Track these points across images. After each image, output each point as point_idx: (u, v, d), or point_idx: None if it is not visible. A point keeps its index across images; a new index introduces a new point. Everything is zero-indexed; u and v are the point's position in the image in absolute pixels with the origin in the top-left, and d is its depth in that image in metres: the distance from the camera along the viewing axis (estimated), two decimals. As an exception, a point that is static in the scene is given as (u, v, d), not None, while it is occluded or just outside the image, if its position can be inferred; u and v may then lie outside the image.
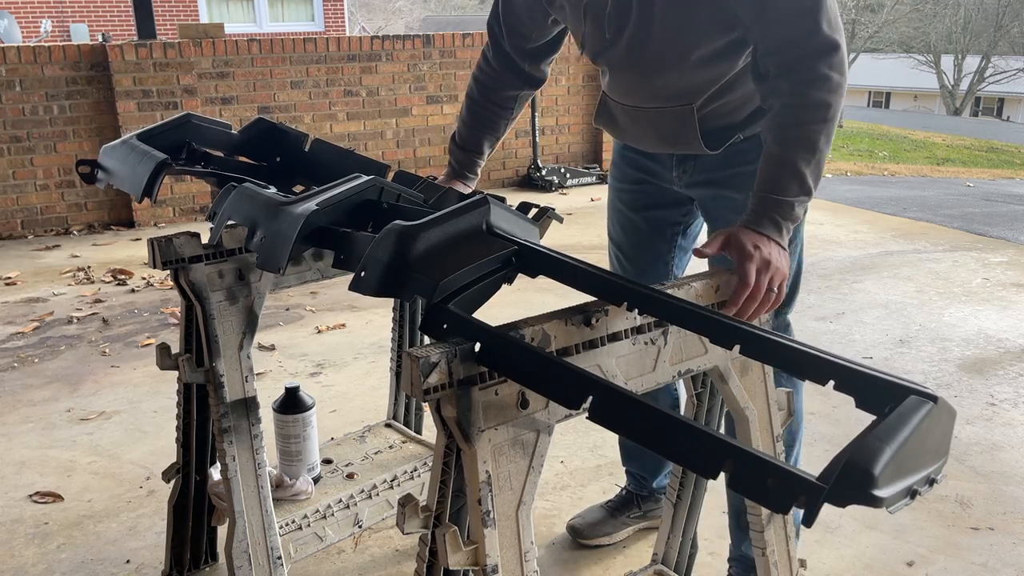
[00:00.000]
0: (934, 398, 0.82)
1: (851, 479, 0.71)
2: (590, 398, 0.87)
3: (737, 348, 0.99)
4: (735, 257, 1.30)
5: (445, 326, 1.00)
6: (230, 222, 1.38)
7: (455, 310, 1.01)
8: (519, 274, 1.14)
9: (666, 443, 0.83)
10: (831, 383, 0.91)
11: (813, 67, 1.33)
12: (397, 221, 1.07)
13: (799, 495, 0.71)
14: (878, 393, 0.86)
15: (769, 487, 0.73)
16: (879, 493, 0.70)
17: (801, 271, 1.71)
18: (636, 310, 1.08)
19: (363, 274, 1.03)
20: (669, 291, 1.15)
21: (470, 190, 1.84)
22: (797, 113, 1.34)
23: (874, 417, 0.82)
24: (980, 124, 22.77)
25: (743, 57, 1.47)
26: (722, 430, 1.51)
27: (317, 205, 1.24)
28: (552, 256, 1.11)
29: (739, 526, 1.78)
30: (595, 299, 1.11)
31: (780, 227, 1.35)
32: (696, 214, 1.80)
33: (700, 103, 1.53)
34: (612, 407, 0.86)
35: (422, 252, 1.03)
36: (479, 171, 1.85)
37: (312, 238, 1.23)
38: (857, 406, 0.88)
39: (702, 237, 1.77)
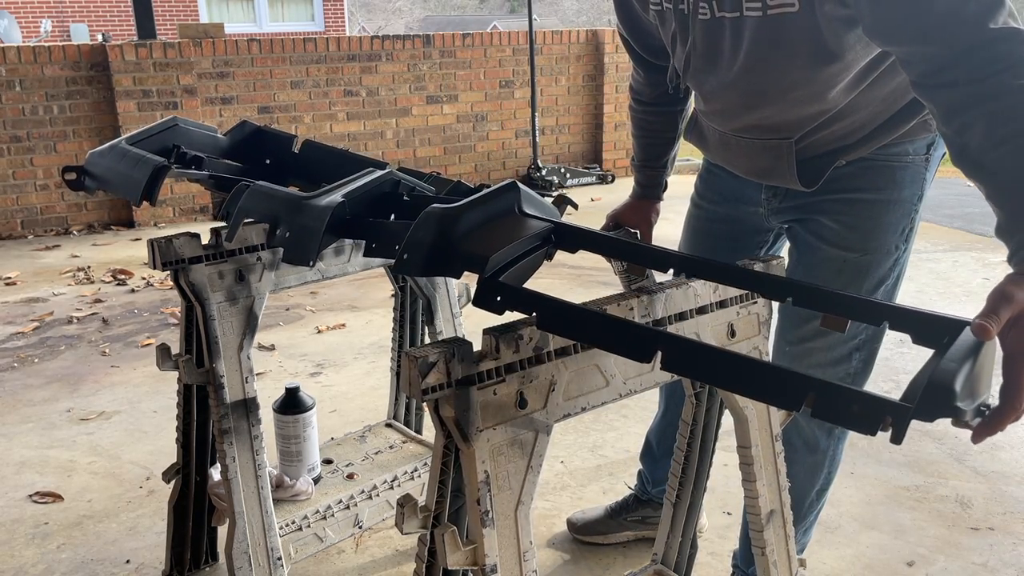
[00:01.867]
0: None
1: (935, 395, 0.77)
2: (659, 353, 0.89)
3: (789, 300, 1.04)
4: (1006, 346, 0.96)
5: (499, 298, 1.01)
6: (248, 220, 1.39)
7: (509, 282, 1.03)
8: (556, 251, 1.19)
9: (746, 382, 0.86)
10: (885, 323, 0.97)
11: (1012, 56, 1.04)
12: (434, 205, 1.11)
13: (885, 416, 0.76)
14: (935, 328, 0.94)
15: (855, 412, 0.77)
16: (961, 406, 0.77)
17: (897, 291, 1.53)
18: (685, 274, 1.16)
19: (406, 256, 1.06)
20: (667, 290, 1.16)
21: (658, 206, 1.81)
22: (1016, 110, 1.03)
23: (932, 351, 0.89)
24: (980, 124, 22.67)
25: (851, 91, 1.33)
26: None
27: (342, 197, 1.27)
28: (588, 232, 1.17)
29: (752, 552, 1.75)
30: (596, 299, 1.12)
31: None
32: (774, 245, 1.67)
33: (800, 136, 1.39)
34: (684, 357, 0.89)
35: (464, 232, 1.07)
36: (665, 184, 1.79)
37: (338, 230, 1.26)
38: (914, 342, 0.96)
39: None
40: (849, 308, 1.01)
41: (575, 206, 1.45)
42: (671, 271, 1.14)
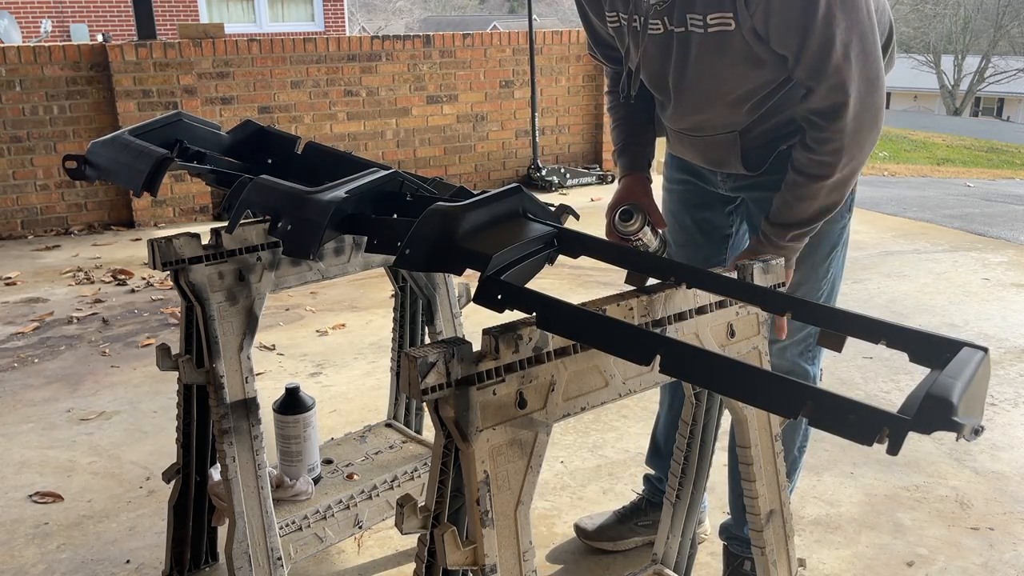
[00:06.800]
0: (985, 349, 0.90)
1: (934, 408, 0.77)
2: (657, 357, 0.90)
3: (789, 315, 1.05)
4: None
5: (500, 297, 1.02)
6: (248, 220, 1.40)
7: (510, 281, 1.04)
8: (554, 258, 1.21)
9: (744, 389, 0.87)
10: (883, 342, 0.98)
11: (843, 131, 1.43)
12: (439, 203, 1.11)
13: (882, 427, 0.76)
14: (931, 348, 0.94)
15: (852, 422, 0.78)
16: (960, 420, 0.76)
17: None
18: (684, 285, 1.17)
19: (408, 251, 1.06)
20: (666, 291, 1.16)
21: (649, 179, 1.87)
22: (814, 164, 1.48)
23: (928, 370, 0.89)
24: (980, 124, 22.77)
25: (784, 91, 1.51)
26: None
27: (346, 193, 1.28)
28: (591, 238, 1.19)
29: (742, 509, 1.80)
30: (595, 299, 1.12)
31: (786, 248, 1.55)
32: (740, 206, 1.81)
33: (744, 129, 1.58)
34: (683, 361, 0.90)
35: (468, 230, 1.07)
36: (650, 160, 1.85)
37: (341, 225, 1.28)
38: (911, 360, 0.96)
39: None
40: (847, 324, 1.01)
41: (576, 216, 1.47)
42: (671, 280, 1.17)
